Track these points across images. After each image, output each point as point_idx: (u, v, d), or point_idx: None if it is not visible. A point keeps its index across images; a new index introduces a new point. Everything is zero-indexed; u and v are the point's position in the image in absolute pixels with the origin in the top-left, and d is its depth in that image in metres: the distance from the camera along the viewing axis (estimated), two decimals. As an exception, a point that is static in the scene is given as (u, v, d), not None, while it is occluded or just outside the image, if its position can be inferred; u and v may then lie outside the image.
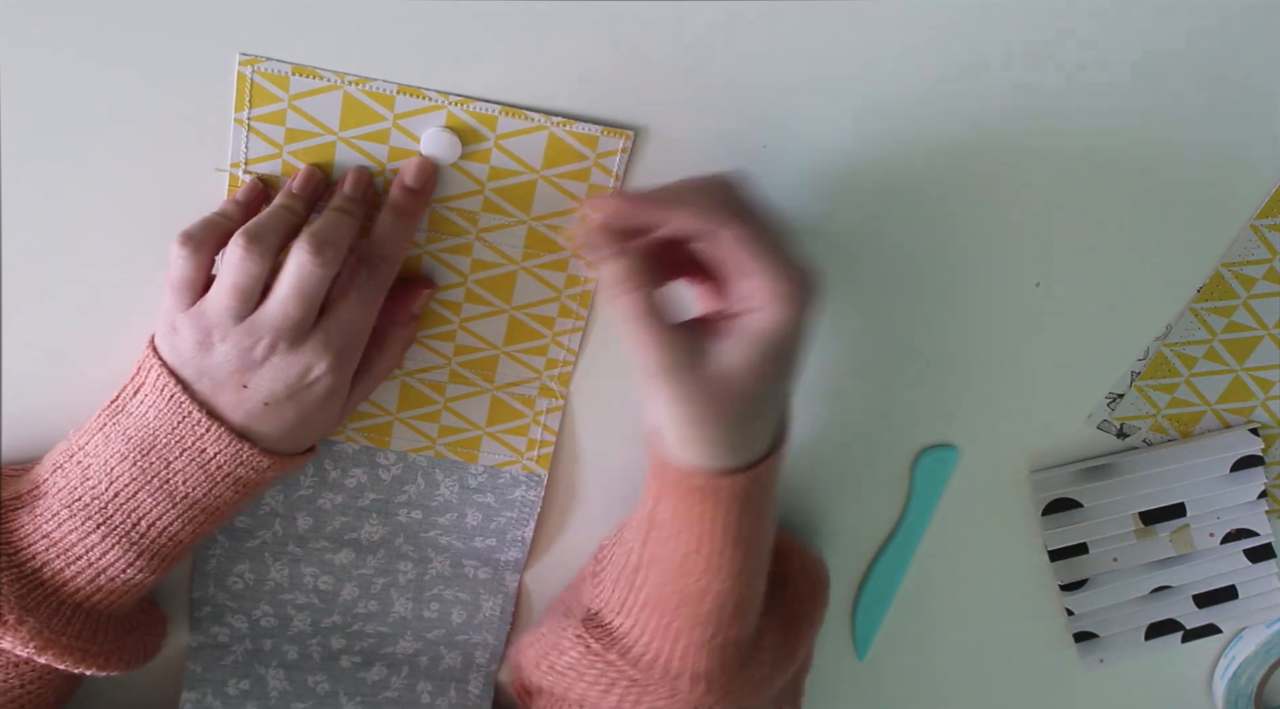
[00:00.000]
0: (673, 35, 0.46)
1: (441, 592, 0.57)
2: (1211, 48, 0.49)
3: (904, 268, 0.53)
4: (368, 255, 0.46)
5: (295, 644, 0.57)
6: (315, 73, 0.45)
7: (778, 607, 0.52)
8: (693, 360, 0.42)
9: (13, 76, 0.44)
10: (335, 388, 0.46)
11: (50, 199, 0.47)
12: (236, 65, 0.44)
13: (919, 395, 0.56)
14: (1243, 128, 0.51)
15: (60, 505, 0.46)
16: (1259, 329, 0.57)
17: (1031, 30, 0.47)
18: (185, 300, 0.45)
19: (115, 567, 0.47)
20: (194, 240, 0.44)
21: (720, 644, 0.47)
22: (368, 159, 0.47)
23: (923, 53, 0.47)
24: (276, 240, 0.44)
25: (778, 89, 0.47)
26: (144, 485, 0.46)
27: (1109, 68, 0.49)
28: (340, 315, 0.45)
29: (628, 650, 0.49)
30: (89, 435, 0.47)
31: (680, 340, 0.42)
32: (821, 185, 0.50)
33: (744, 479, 0.44)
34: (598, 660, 0.49)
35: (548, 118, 0.47)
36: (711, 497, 0.44)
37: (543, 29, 0.45)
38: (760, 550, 0.47)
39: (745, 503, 0.45)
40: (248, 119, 0.46)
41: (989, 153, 0.50)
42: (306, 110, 0.46)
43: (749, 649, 0.50)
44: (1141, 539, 0.61)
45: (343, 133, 0.46)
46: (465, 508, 0.56)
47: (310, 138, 0.46)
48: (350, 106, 0.46)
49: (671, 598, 0.47)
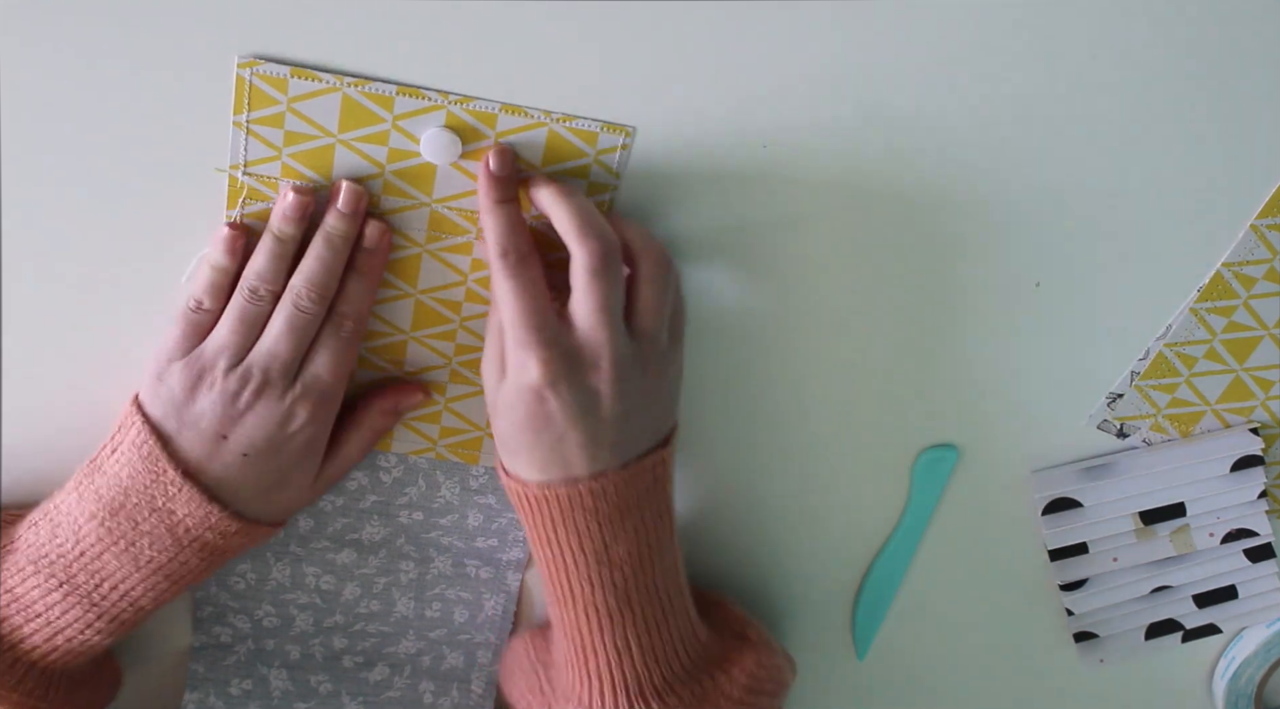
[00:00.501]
0: (672, 36, 0.46)
1: (444, 591, 0.57)
2: (1212, 48, 0.49)
3: (904, 268, 0.53)
4: (333, 312, 0.46)
5: (298, 644, 0.57)
6: (314, 75, 0.45)
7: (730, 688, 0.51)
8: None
9: (12, 78, 0.44)
10: (314, 440, 0.47)
11: (50, 199, 0.47)
12: (235, 68, 0.44)
13: (919, 395, 0.56)
14: (1243, 128, 0.51)
15: (27, 561, 0.47)
16: (1259, 329, 0.57)
17: (1031, 30, 0.47)
18: (183, 350, 0.46)
19: (74, 627, 0.47)
20: (203, 305, 0.46)
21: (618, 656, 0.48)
22: (368, 162, 0.47)
23: (924, 53, 0.47)
24: (279, 278, 0.46)
25: (778, 89, 0.47)
26: (110, 546, 0.46)
27: (1109, 68, 0.49)
28: (315, 366, 0.46)
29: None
30: (65, 493, 0.47)
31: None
32: (821, 185, 0.50)
33: (539, 489, 0.46)
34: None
35: (547, 114, 0.47)
36: (521, 504, 0.47)
37: (542, 29, 0.45)
38: (621, 559, 0.47)
39: (562, 513, 0.46)
40: (246, 122, 0.46)
41: (989, 153, 0.50)
42: (305, 113, 0.46)
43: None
44: (1141, 539, 0.61)
45: (342, 135, 0.46)
46: (467, 509, 0.56)
47: (309, 140, 0.46)
48: (349, 108, 0.46)
49: (554, 612, 0.49)
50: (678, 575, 0.50)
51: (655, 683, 0.48)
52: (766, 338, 0.54)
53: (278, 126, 0.46)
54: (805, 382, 0.55)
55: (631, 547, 0.47)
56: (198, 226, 0.47)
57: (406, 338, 0.52)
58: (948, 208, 0.52)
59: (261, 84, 0.45)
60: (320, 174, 0.47)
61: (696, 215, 0.50)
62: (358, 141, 0.46)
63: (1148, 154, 0.51)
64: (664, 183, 0.49)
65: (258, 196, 0.47)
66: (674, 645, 0.49)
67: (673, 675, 0.48)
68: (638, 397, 0.46)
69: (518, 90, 0.46)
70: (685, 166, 0.49)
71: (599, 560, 0.46)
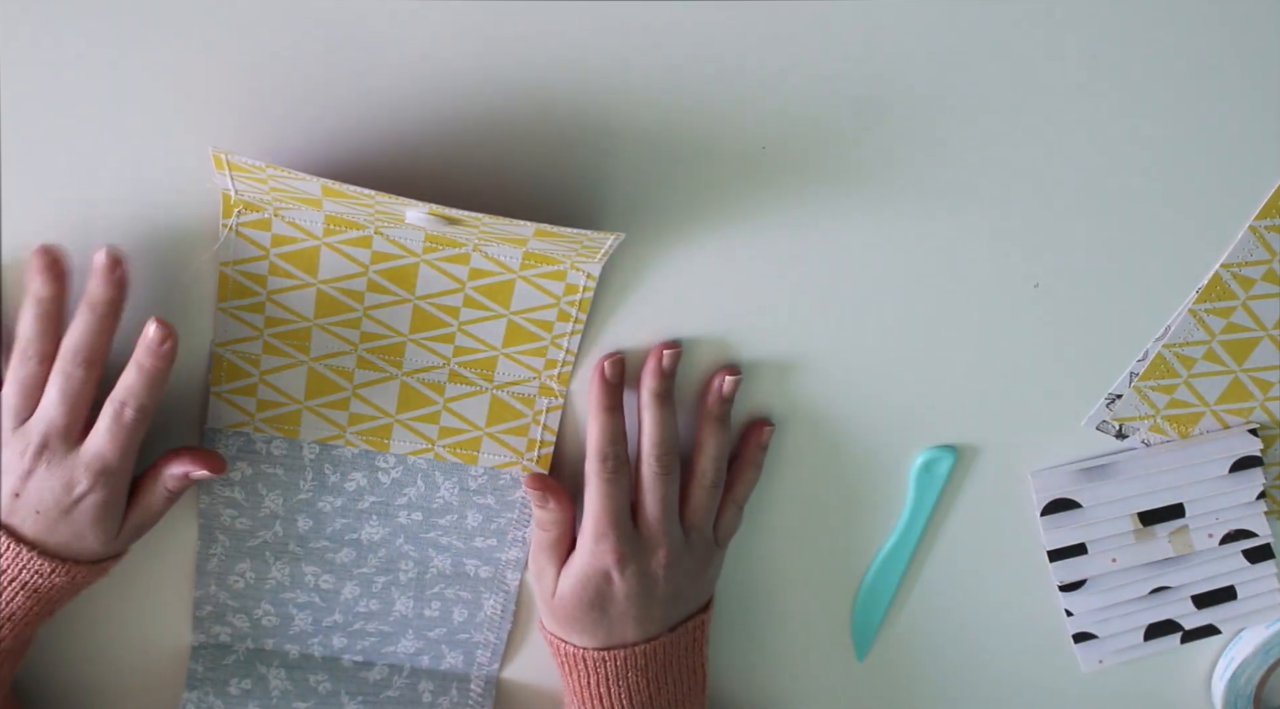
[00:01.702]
0: (671, 35, 0.46)
1: (443, 590, 0.57)
2: (1212, 48, 0.49)
3: (904, 268, 0.53)
4: (113, 398, 0.46)
5: (296, 643, 0.57)
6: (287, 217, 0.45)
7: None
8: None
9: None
10: (104, 505, 0.47)
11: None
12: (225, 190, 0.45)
13: (919, 395, 0.56)
14: (1242, 128, 0.51)
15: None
16: (1258, 330, 0.57)
17: (1031, 31, 0.47)
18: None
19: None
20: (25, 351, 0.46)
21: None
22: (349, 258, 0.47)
23: (924, 53, 0.47)
24: (46, 341, 0.46)
25: (776, 89, 0.48)
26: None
27: (1109, 69, 0.49)
28: (97, 441, 0.46)
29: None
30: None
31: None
32: (821, 185, 0.50)
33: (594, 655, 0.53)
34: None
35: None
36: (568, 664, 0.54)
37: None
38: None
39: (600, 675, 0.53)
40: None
41: (989, 153, 0.50)
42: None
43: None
44: (1140, 540, 0.61)
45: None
46: (466, 509, 0.56)
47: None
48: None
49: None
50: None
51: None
52: (766, 339, 0.54)
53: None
54: (805, 382, 0.55)
55: (672, 695, 0.54)
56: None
57: (405, 340, 0.52)
58: (947, 208, 0.52)
59: (245, 179, 0.45)
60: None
61: (697, 215, 0.51)
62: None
63: (1147, 155, 0.52)
64: (664, 182, 0.49)
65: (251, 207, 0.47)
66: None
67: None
68: (686, 579, 0.54)
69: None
70: (686, 167, 0.49)
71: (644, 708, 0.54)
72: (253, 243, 0.49)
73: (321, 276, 0.50)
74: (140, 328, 0.46)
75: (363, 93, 0.46)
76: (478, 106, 0.47)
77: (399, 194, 0.43)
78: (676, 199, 0.50)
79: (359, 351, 0.52)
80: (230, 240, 0.48)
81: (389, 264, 0.50)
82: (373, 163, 0.48)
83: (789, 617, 0.62)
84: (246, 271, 0.49)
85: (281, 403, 0.52)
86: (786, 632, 0.62)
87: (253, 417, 0.53)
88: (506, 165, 0.48)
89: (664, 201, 0.50)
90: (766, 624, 0.61)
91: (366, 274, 0.50)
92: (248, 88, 0.46)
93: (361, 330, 0.51)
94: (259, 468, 0.54)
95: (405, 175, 0.48)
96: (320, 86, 0.46)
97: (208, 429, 0.53)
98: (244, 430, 0.53)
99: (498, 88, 0.47)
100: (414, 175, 0.48)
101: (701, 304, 0.53)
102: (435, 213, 0.44)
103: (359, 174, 0.48)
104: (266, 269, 0.49)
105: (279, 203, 0.47)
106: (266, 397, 0.52)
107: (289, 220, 0.48)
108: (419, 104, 0.47)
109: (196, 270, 0.49)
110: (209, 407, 0.52)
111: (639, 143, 0.49)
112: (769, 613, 0.61)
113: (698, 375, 0.54)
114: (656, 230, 0.51)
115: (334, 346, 0.51)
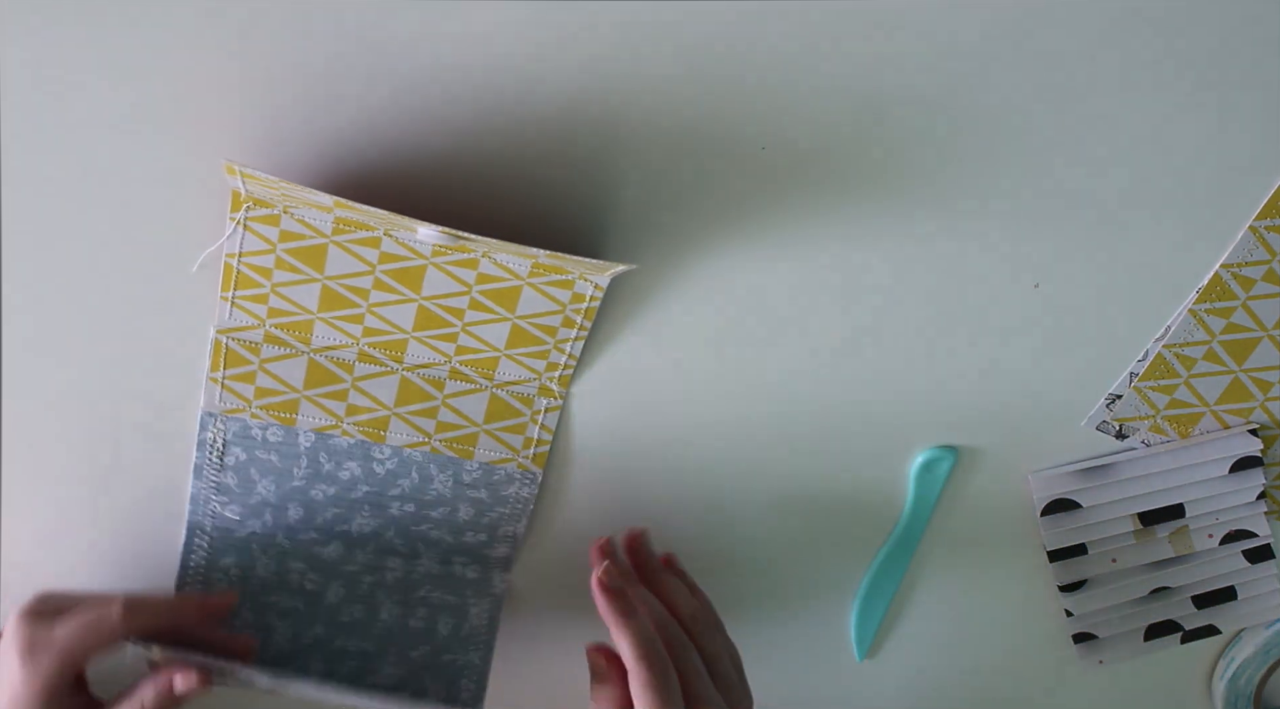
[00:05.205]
0: (671, 36, 0.46)
1: (429, 594, 0.57)
2: (1211, 48, 0.49)
3: (904, 268, 0.53)
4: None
5: (272, 667, 0.56)
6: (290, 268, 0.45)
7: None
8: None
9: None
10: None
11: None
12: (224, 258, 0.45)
13: (919, 396, 0.56)
14: (1242, 129, 0.51)
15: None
16: (1258, 330, 0.57)
17: (1031, 31, 0.48)
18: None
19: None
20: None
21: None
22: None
23: (924, 53, 0.47)
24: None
25: (774, 89, 0.48)
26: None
27: (1108, 69, 0.49)
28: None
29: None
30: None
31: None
32: (820, 185, 0.50)
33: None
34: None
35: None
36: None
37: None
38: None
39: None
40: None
41: (988, 153, 0.50)
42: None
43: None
44: (1140, 540, 0.61)
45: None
46: (458, 502, 0.56)
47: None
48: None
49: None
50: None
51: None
52: (766, 339, 0.54)
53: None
54: (805, 382, 0.55)
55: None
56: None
57: (408, 337, 0.52)
58: (947, 208, 0.52)
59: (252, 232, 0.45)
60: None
61: (704, 221, 0.51)
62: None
63: (1147, 155, 0.52)
64: (662, 181, 0.49)
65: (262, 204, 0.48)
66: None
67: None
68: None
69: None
70: (685, 167, 0.49)
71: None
72: (260, 237, 0.49)
73: (328, 273, 0.50)
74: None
75: (372, 105, 0.47)
76: (486, 117, 0.47)
77: (407, 205, 0.43)
78: (684, 205, 0.50)
79: (360, 345, 0.52)
80: (238, 234, 0.49)
81: (396, 265, 0.50)
82: (382, 171, 0.48)
83: (789, 617, 0.62)
84: (252, 264, 0.49)
85: (280, 391, 0.52)
86: (786, 632, 0.62)
87: (250, 403, 0.53)
88: (515, 175, 0.49)
89: (673, 207, 0.50)
90: (766, 624, 0.61)
91: (373, 273, 0.50)
92: (258, 99, 0.46)
93: (364, 325, 0.51)
94: (253, 454, 0.54)
95: (414, 182, 0.48)
96: (329, 99, 0.46)
97: (203, 413, 0.53)
98: (240, 416, 0.53)
99: (508, 99, 0.47)
100: (422, 184, 0.48)
101: (703, 304, 0.53)
102: (448, 234, 0.45)
103: (367, 185, 0.48)
104: (273, 263, 0.49)
105: (288, 201, 0.47)
106: (265, 384, 0.52)
107: (298, 217, 0.48)
108: (428, 116, 0.47)
109: (203, 262, 0.49)
110: (205, 391, 0.52)
111: (649, 149, 0.49)
112: (769, 612, 0.61)
113: (696, 389, 0.54)
114: (661, 235, 0.51)
115: (336, 339, 0.52)
